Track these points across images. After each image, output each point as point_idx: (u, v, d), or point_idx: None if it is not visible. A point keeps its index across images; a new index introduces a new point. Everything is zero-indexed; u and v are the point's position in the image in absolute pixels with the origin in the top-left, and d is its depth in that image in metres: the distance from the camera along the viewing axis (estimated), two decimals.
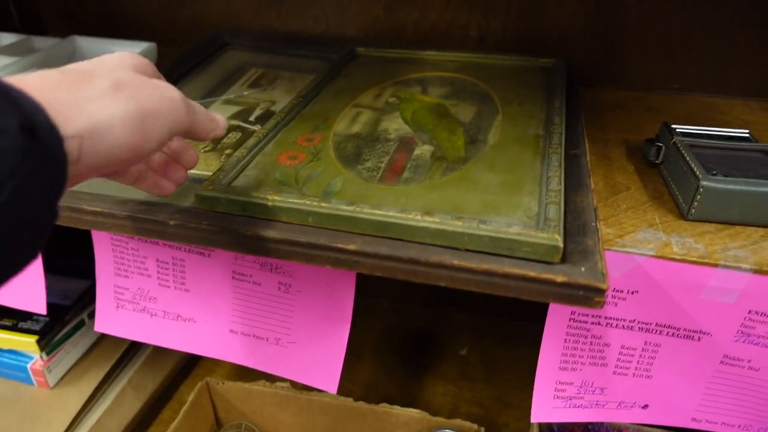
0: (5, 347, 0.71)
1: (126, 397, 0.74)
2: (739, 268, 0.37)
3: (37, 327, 0.70)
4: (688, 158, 0.42)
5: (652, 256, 0.38)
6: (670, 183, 0.45)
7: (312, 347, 0.52)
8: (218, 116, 0.37)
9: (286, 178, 0.43)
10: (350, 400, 0.66)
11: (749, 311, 0.39)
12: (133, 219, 0.39)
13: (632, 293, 0.40)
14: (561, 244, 0.34)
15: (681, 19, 0.60)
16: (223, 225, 0.38)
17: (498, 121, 0.50)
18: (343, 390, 0.79)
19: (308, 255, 0.37)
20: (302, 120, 0.52)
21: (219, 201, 0.40)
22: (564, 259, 0.35)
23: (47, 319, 0.71)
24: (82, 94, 0.26)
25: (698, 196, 0.40)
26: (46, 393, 0.72)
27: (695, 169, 0.40)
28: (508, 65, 0.61)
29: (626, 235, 0.40)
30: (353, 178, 0.43)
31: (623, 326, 0.42)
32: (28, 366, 0.71)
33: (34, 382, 0.72)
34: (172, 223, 0.38)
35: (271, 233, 0.37)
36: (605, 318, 0.42)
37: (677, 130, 0.46)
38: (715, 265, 0.37)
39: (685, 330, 0.41)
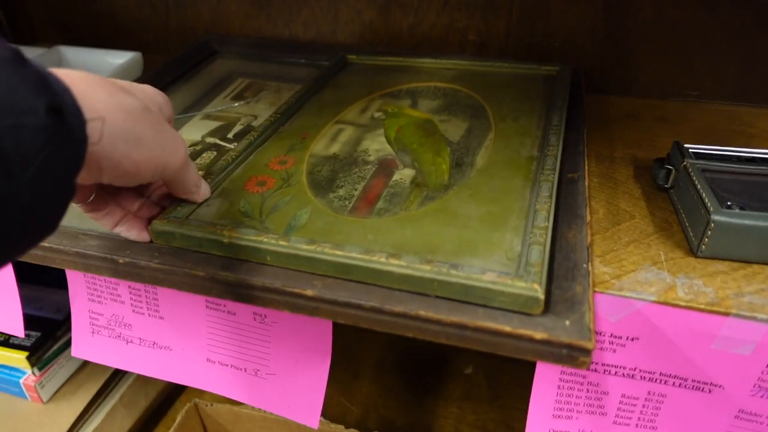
0: None
1: (117, 415, 0.72)
2: (754, 318, 0.32)
3: (28, 343, 0.69)
4: (699, 186, 0.37)
5: (654, 301, 0.34)
6: (680, 212, 0.40)
7: (292, 380, 0.49)
8: (204, 186, 0.40)
9: (250, 209, 0.40)
10: (341, 427, 0.62)
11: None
12: (82, 256, 0.36)
13: (632, 340, 0.36)
14: (541, 295, 0.30)
15: (698, 20, 0.54)
16: (174, 264, 0.34)
17: (489, 139, 0.47)
18: (340, 409, 0.76)
19: (264, 299, 0.33)
20: (279, 138, 0.49)
21: (173, 236, 0.37)
22: (547, 308, 0.31)
23: (39, 334, 0.70)
24: (116, 99, 0.29)
25: (709, 231, 0.35)
26: (39, 408, 0.71)
27: (706, 200, 0.35)
28: (507, 73, 0.56)
29: (625, 275, 0.35)
30: (322, 209, 0.40)
31: (623, 374, 0.38)
32: (21, 381, 0.70)
33: (28, 397, 0.71)
34: (121, 261, 0.35)
35: (225, 275, 0.34)
36: (603, 365, 0.38)
37: (690, 150, 0.41)
38: (727, 314, 0.33)
39: (693, 381, 0.37)
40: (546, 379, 0.40)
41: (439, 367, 0.83)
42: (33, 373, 0.69)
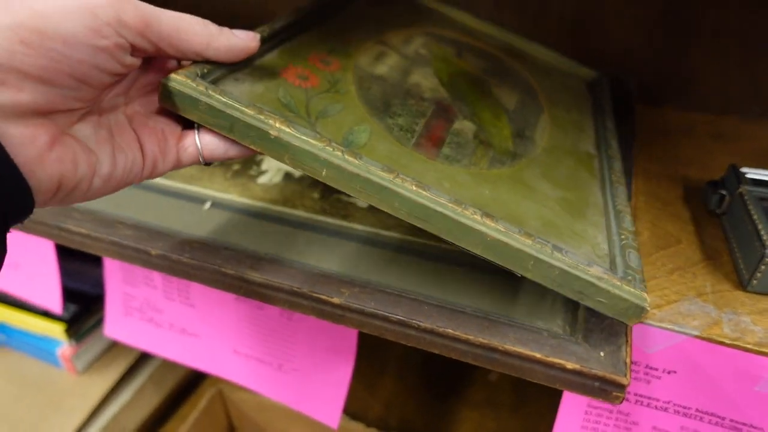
0: (37, 331, 0.73)
1: (146, 392, 0.74)
2: None
3: (66, 315, 0.72)
4: (755, 215, 0.35)
5: (697, 336, 0.32)
6: (731, 241, 0.37)
7: (315, 378, 0.49)
8: (237, 32, 0.29)
9: (293, 104, 0.32)
10: (362, 426, 0.63)
11: None
12: (117, 245, 0.37)
13: (669, 373, 0.34)
14: (648, 307, 0.28)
15: (765, 29, 0.50)
16: (204, 261, 0.35)
17: (544, 121, 0.42)
18: (362, 404, 0.76)
19: (291, 302, 0.33)
20: (319, 34, 0.40)
21: (195, 103, 0.28)
22: (581, 336, 0.29)
23: (77, 307, 0.73)
24: None
25: (763, 266, 0.33)
26: (73, 379, 0.73)
27: (762, 232, 0.33)
28: (548, 62, 0.53)
29: (667, 305, 0.33)
30: (382, 133, 0.33)
31: (656, 406, 0.36)
32: (57, 351, 0.72)
33: (63, 367, 0.74)
34: (153, 253, 0.36)
35: (253, 275, 0.34)
36: (635, 395, 0.36)
37: (747, 176, 0.39)
38: None
39: (731, 421, 0.35)
40: (574, 402, 0.38)
41: (463, 369, 0.82)
42: (70, 344, 0.72)
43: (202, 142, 0.29)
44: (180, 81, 0.28)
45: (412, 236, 0.39)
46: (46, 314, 0.72)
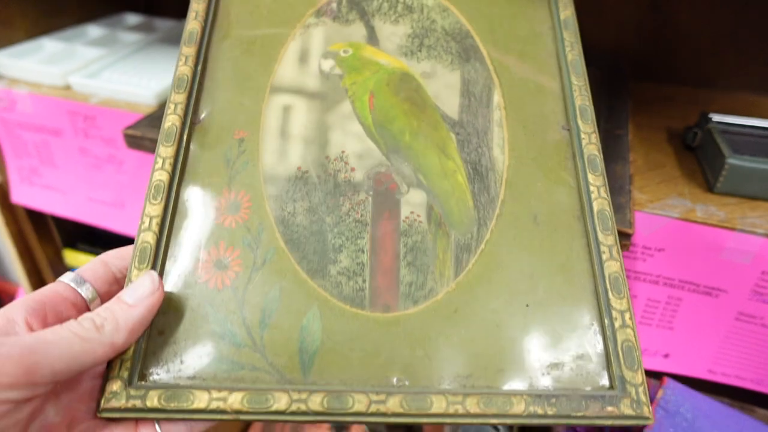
0: None
1: None
2: (754, 233, 0.44)
3: None
4: (718, 141, 0.48)
5: (678, 218, 0.45)
6: (702, 161, 0.51)
7: None
8: (132, 299, 0.27)
9: (230, 329, 0.29)
10: None
11: (762, 272, 0.45)
12: None
13: (659, 251, 0.47)
14: (651, 416, 0.27)
15: (729, 23, 0.65)
16: None
17: (498, 108, 0.36)
18: None
19: None
20: (202, 147, 0.34)
21: (140, 411, 0.26)
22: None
23: None
24: None
25: (724, 172, 0.46)
26: None
27: (723, 149, 0.47)
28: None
29: (657, 200, 0.47)
30: (332, 305, 0.29)
31: (650, 280, 0.49)
32: None
33: None
34: None
35: None
36: (634, 272, 0.49)
37: (713, 118, 0.53)
38: (733, 229, 0.44)
39: (704, 287, 0.48)
40: None
41: None
42: None
43: (163, 429, 0.28)
44: (113, 408, 0.26)
45: None
46: None
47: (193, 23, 0.37)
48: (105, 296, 0.29)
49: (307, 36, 0.38)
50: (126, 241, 0.39)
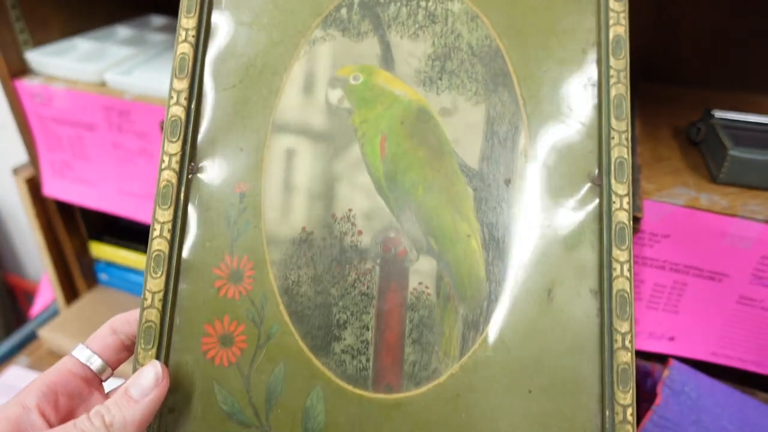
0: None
1: None
2: (754, 219, 0.47)
3: None
4: (721, 135, 0.52)
5: (683, 205, 0.48)
6: (705, 155, 0.54)
7: None
8: (143, 383, 0.28)
9: (237, 404, 0.29)
10: None
11: (762, 257, 0.48)
12: None
13: (665, 237, 0.50)
14: None
15: (731, 26, 0.68)
16: None
17: (522, 149, 0.32)
18: None
19: None
20: (202, 206, 0.32)
21: None
22: None
23: None
24: None
25: (726, 163, 0.49)
26: None
27: (725, 142, 0.50)
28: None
29: (664, 189, 0.50)
30: (335, 385, 0.29)
31: (656, 266, 0.52)
32: None
33: None
34: None
35: None
36: (642, 258, 0.52)
37: (716, 115, 0.56)
38: (734, 216, 0.47)
39: (708, 271, 0.51)
40: None
41: None
42: None
43: None
44: None
45: None
46: None
47: (183, 46, 0.32)
48: (115, 364, 0.32)
49: (312, 56, 0.33)
50: None
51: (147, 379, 0.29)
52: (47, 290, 0.96)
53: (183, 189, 0.31)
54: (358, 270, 0.31)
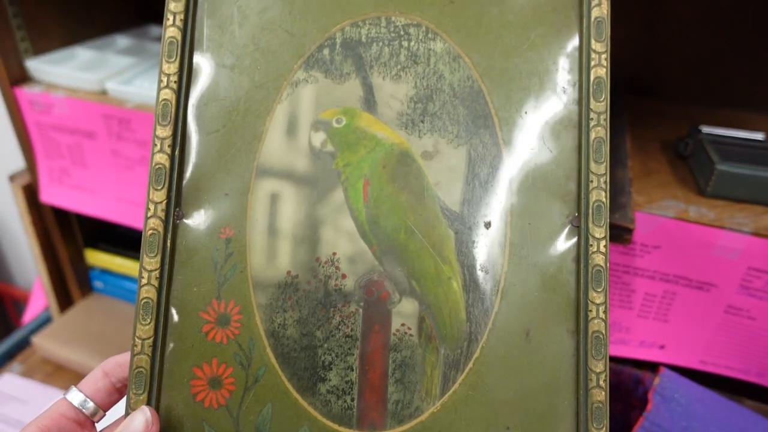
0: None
1: None
2: (741, 231, 0.48)
3: None
4: (708, 150, 0.53)
5: (672, 217, 0.50)
6: (693, 169, 0.56)
7: None
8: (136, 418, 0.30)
9: None
10: None
11: (748, 267, 0.50)
12: None
13: (655, 248, 0.52)
14: None
15: (717, 44, 0.71)
16: None
17: (503, 194, 0.32)
18: None
19: None
20: (187, 254, 0.32)
21: None
22: None
23: None
24: None
25: (713, 177, 0.51)
26: None
27: (712, 157, 0.52)
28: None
29: (654, 202, 0.52)
30: (322, 424, 0.31)
31: (647, 276, 0.54)
32: None
33: None
34: None
35: None
36: (633, 268, 0.54)
37: (703, 130, 0.58)
38: (722, 227, 0.49)
39: (697, 281, 0.52)
40: None
41: None
42: None
43: None
44: None
45: None
46: None
47: (165, 92, 0.32)
48: (107, 406, 0.34)
49: (295, 98, 0.33)
50: None
51: (137, 425, 0.30)
52: (39, 297, 0.95)
53: (169, 236, 0.32)
54: (342, 313, 0.32)
